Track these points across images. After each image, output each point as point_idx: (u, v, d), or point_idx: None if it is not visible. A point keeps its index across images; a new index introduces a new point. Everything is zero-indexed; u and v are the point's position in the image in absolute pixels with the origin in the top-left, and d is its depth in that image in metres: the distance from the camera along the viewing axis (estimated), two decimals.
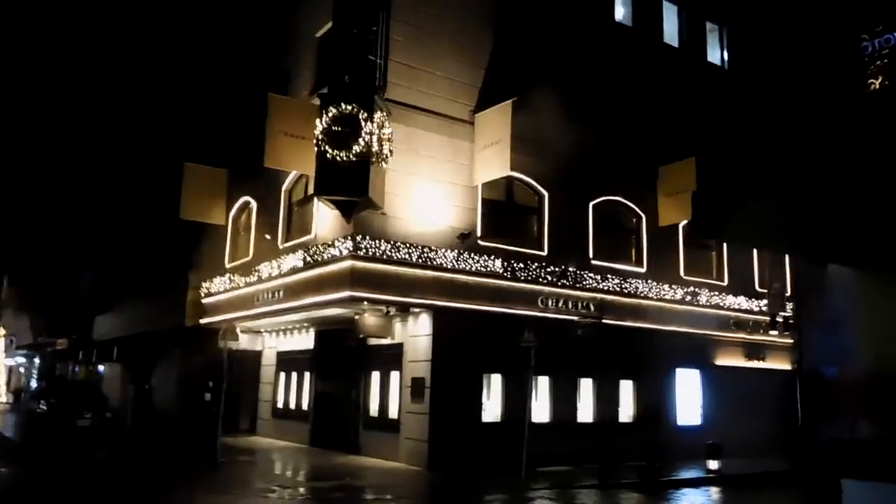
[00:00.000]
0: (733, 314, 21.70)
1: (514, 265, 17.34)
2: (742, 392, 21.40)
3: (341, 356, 19.63)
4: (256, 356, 23.71)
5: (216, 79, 25.61)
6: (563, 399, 18.18)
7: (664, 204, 20.43)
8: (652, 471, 15.55)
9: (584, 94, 19.74)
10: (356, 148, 14.88)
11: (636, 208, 20.42)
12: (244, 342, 22.05)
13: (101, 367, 36.55)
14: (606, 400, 18.96)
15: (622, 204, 20.28)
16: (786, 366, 22.98)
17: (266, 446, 20.44)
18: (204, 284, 22.74)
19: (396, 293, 15.71)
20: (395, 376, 17.47)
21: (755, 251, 23.11)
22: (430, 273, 16.07)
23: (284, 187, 19.17)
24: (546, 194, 18.62)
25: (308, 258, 16.67)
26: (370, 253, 15.36)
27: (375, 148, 15.02)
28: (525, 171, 18.04)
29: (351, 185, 14.96)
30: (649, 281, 19.81)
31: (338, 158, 14.92)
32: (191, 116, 26.90)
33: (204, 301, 22.77)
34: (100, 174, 35.16)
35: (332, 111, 15.11)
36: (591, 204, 19.49)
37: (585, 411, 18.65)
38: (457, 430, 16.17)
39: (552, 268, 17.93)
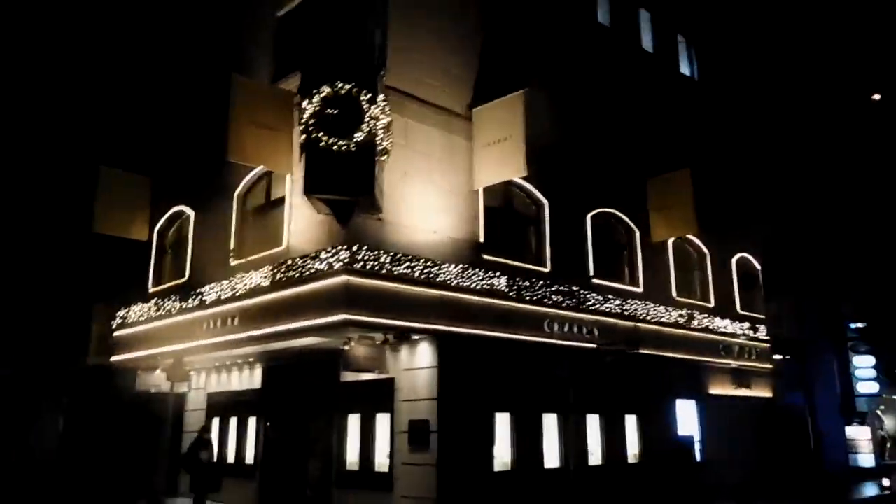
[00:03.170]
0: (721, 338, 20.19)
1: (519, 283, 14.88)
2: (734, 423, 19.93)
3: (301, 397, 16.25)
4: (178, 400, 19.65)
5: (139, 73, 21.64)
6: (574, 439, 15.74)
7: (655, 218, 18.91)
8: None
9: (571, 96, 17.95)
10: (358, 136, 11.99)
11: (630, 222, 18.58)
12: (159, 382, 18.13)
13: None
14: (613, 438, 16.74)
15: (617, 217, 18.37)
16: (768, 393, 21.83)
17: None
18: (119, 314, 18.58)
19: (397, 316, 12.76)
20: (382, 419, 14.36)
21: (734, 270, 22.03)
22: (434, 292, 13.26)
23: (238, 191, 15.72)
24: (546, 203, 16.37)
25: (280, 275, 13.40)
26: (368, 267, 12.39)
27: (378, 138, 12.21)
28: (524, 177, 15.73)
29: (351, 181, 11.97)
30: (647, 303, 17.92)
31: (334, 149, 11.95)
32: (103, 115, 22.64)
33: (116, 334, 18.61)
34: None
35: (325, 90, 12.14)
36: (588, 216, 17.45)
37: (595, 453, 16.30)
38: (468, 484, 13.31)
39: (557, 286, 15.62)
